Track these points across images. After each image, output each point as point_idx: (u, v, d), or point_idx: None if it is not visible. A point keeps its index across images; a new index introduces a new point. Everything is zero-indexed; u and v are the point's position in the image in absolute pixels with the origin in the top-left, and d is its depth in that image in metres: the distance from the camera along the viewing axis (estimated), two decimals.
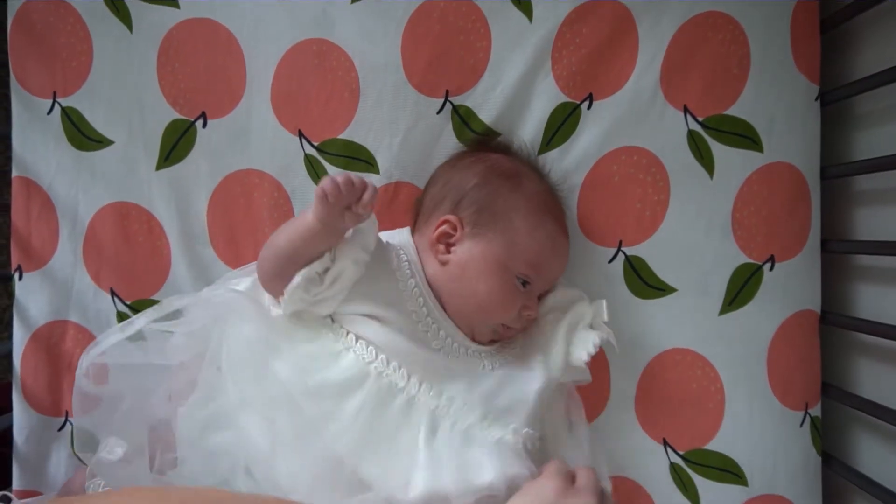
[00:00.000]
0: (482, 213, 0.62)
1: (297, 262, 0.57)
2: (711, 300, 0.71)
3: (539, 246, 0.62)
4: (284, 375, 0.56)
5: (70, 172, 0.71)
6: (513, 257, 0.61)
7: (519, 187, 0.63)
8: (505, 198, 0.62)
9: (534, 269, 0.62)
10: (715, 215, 0.71)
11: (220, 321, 0.59)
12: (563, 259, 0.67)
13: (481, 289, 0.61)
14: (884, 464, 0.68)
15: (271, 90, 0.71)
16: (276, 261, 0.58)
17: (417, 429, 0.56)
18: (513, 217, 0.62)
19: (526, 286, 0.62)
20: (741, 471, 0.71)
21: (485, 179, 0.63)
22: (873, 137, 0.69)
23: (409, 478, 0.54)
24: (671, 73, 0.70)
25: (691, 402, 0.72)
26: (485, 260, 0.61)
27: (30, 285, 0.71)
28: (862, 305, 0.71)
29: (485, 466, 0.55)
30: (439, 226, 0.62)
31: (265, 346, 0.58)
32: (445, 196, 0.64)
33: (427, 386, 0.58)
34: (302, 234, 0.56)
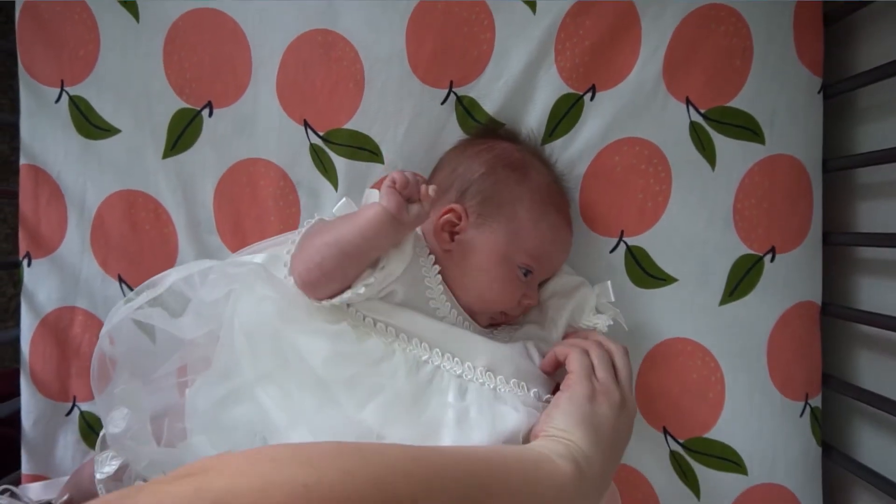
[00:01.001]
0: (487, 203, 0.62)
1: (361, 262, 0.57)
2: (712, 291, 0.72)
3: (542, 237, 0.63)
4: (304, 347, 0.56)
5: (78, 160, 0.72)
6: (515, 248, 0.62)
7: (525, 178, 0.64)
8: (510, 189, 0.63)
9: (535, 260, 0.63)
10: (716, 206, 0.71)
11: (234, 295, 0.59)
12: (565, 250, 0.68)
13: (483, 278, 0.62)
14: (883, 454, 0.68)
15: (277, 80, 0.71)
16: (343, 258, 0.56)
17: (446, 393, 0.58)
18: (517, 208, 0.62)
19: (527, 276, 0.63)
20: (741, 459, 0.72)
21: (491, 169, 0.64)
22: (875, 131, 0.70)
23: (437, 435, 0.55)
24: (674, 65, 0.70)
25: (691, 391, 0.72)
26: (488, 250, 0.62)
27: (38, 272, 0.72)
28: (863, 297, 0.72)
29: (510, 415, 0.57)
30: (444, 214, 0.63)
31: (283, 318, 0.58)
32: (452, 184, 0.65)
33: (450, 356, 0.60)
34: (373, 226, 0.56)
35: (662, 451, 0.73)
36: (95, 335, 0.72)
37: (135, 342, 0.60)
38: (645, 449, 0.73)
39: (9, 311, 1.37)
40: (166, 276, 0.60)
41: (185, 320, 0.60)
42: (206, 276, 0.61)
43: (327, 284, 0.58)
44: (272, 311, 0.57)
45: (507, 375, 0.60)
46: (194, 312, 0.60)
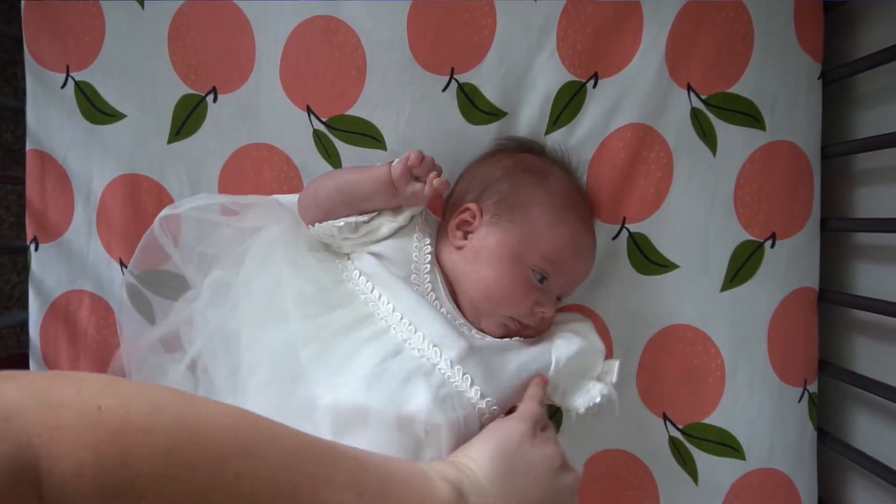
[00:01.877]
0: (503, 203, 0.63)
1: (351, 205, 0.64)
2: (713, 277, 0.72)
3: (559, 241, 0.62)
4: (288, 280, 0.61)
5: (83, 146, 0.73)
6: (528, 249, 0.62)
7: (544, 182, 0.64)
8: (528, 191, 0.63)
9: (551, 265, 0.62)
10: (717, 193, 0.72)
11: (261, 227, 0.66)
12: (585, 259, 0.67)
13: (490, 275, 0.61)
14: (878, 439, 0.69)
15: (280, 66, 0.72)
16: (335, 194, 0.64)
17: (380, 351, 0.58)
18: (533, 210, 0.63)
19: (543, 282, 0.62)
20: (739, 445, 0.72)
21: (510, 172, 0.65)
22: (873, 117, 0.70)
23: (341, 383, 0.55)
24: (675, 52, 0.71)
25: (692, 377, 0.73)
26: (498, 247, 0.62)
27: (46, 256, 0.73)
28: (860, 283, 0.72)
29: (420, 397, 0.55)
30: (460, 213, 0.64)
31: (287, 243, 0.65)
32: (470, 187, 0.66)
33: (407, 321, 0.60)
34: (372, 181, 0.63)
35: (661, 437, 0.74)
36: (103, 319, 0.74)
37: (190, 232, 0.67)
38: (644, 435, 0.74)
39: (12, 298, 1.38)
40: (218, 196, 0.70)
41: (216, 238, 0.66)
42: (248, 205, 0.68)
43: (315, 210, 0.65)
44: (284, 239, 0.65)
45: (458, 363, 0.58)
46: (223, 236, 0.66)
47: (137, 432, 0.32)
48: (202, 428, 0.34)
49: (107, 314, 0.73)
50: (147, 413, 0.33)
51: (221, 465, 0.33)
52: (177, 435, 0.33)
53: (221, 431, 0.35)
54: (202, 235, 0.66)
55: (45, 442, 0.30)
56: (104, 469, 0.30)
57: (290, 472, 0.36)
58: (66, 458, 0.30)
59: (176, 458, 0.32)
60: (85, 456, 0.30)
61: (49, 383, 0.32)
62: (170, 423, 0.33)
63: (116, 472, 0.31)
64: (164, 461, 0.32)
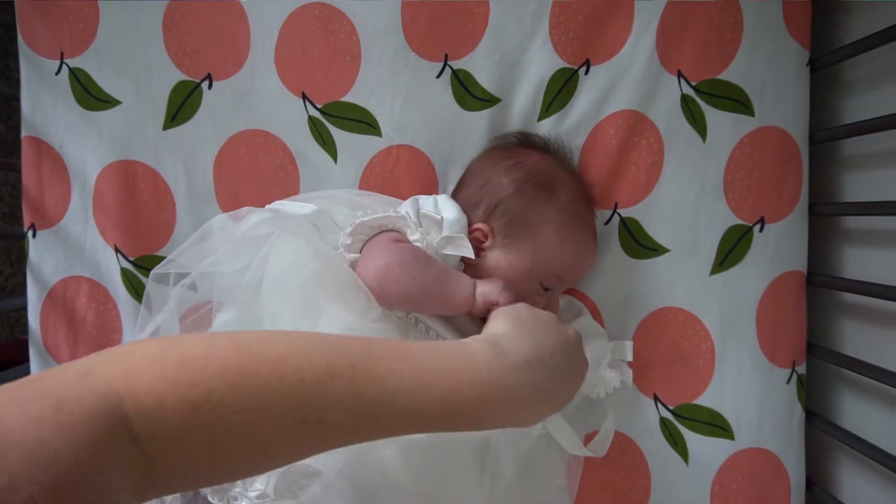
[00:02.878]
0: (514, 224, 0.64)
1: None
2: (703, 260, 0.73)
3: (567, 258, 0.65)
4: (327, 313, 0.57)
5: (78, 132, 0.73)
6: (539, 268, 0.64)
7: (553, 198, 0.65)
8: (538, 209, 0.64)
9: (558, 278, 0.65)
10: (707, 178, 0.73)
11: (274, 237, 0.61)
12: (588, 264, 0.70)
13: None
14: (864, 419, 0.70)
15: (275, 53, 0.72)
16: (417, 306, 0.60)
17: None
18: (544, 230, 0.64)
19: (547, 291, 0.65)
20: (728, 425, 0.74)
21: (520, 189, 0.65)
22: (860, 102, 0.71)
23: None
24: (666, 39, 0.71)
25: (682, 359, 0.74)
26: (511, 269, 0.63)
27: (43, 243, 0.74)
28: (847, 267, 0.73)
29: None
30: (472, 232, 0.65)
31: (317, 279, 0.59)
32: (481, 200, 0.66)
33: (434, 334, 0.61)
34: (452, 308, 0.60)
35: (652, 418, 0.75)
36: (102, 305, 0.74)
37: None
38: (635, 416, 0.75)
39: (6, 289, 1.38)
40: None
41: (222, 253, 0.62)
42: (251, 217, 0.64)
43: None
44: (309, 266, 0.59)
45: None
46: (232, 247, 0.62)
47: (199, 358, 0.36)
48: (255, 342, 0.38)
49: (105, 300, 0.74)
50: (203, 343, 0.37)
51: (280, 366, 0.37)
52: (234, 352, 0.37)
53: (273, 342, 0.39)
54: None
55: (124, 385, 0.33)
56: (179, 393, 0.34)
57: (344, 356, 0.40)
58: (145, 393, 0.33)
59: (238, 368, 0.36)
60: (161, 387, 0.34)
61: (110, 349, 0.37)
62: (226, 344, 0.37)
63: (190, 391, 0.34)
64: (229, 374, 0.36)
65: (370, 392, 0.39)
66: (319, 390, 0.38)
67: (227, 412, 0.35)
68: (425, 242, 0.60)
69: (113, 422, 0.32)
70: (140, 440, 0.33)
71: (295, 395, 0.37)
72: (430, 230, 0.62)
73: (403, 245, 0.60)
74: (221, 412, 0.35)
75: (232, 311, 0.61)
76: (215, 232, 0.63)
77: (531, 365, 0.47)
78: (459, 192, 0.70)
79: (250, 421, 0.36)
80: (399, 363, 0.41)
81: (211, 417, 0.35)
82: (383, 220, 0.61)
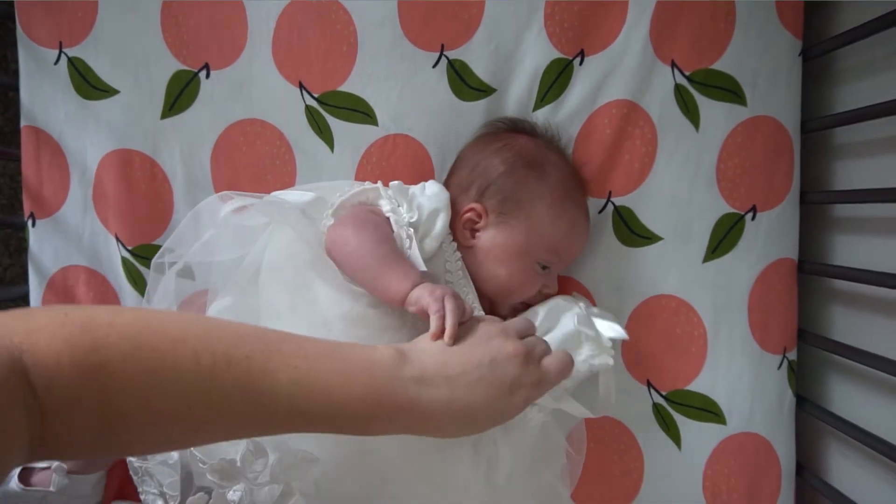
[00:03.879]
0: (507, 202, 0.65)
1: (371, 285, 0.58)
2: (695, 248, 0.74)
3: (561, 234, 0.65)
4: (325, 299, 0.58)
5: (77, 121, 0.73)
6: (534, 244, 0.64)
7: (543, 175, 0.66)
8: (530, 187, 0.65)
9: (555, 255, 0.66)
10: (700, 167, 0.74)
11: (271, 227, 0.62)
12: (583, 240, 0.71)
13: (503, 273, 0.64)
14: (853, 404, 0.71)
15: (272, 42, 0.73)
16: (359, 274, 0.57)
17: None
18: (537, 206, 0.65)
19: (545, 269, 0.66)
20: (720, 410, 0.75)
21: (511, 168, 0.66)
22: (852, 91, 0.72)
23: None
24: (659, 30, 0.72)
25: (675, 345, 0.75)
26: (507, 247, 0.64)
27: (43, 232, 0.74)
28: (838, 254, 0.74)
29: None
30: (465, 213, 0.65)
31: (313, 265, 0.59)
32: (473, 182, 0.67)
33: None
34: (390, 293, 0.55)
35: (646, 404, 0.76)
36: (100, 293, 0.75)
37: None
38: (629, 401, 0.76)
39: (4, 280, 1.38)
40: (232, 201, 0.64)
41: (221, 242, 0.63)
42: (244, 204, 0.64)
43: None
44: (304, 254, 0.59)
45: None
46: (229, 235, 0.63)
47: (102, 325, 0.37)
48: (160, 319, 0.40)
49: (104, 289, 0.75)
50: (108, 312, 0.39)
51: (180, 345, 0.39)
52: (137, 325, 0.39)
53: (177, 322, 0.41)
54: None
55: (25, 339, 0.35)
56: (78, 356, 0.36)
57: (243, 347, 0.41)
58: (45, 350, 0.35)
59: (139, 342, 0.38)
60: (60, 346, 0.35)
61: (16, 310, 0.38)
62: (130, 318, 0.39)
63: (89, 356, 0.36)
64: (129, 344, 0.37)
65: (263, 385, 0.40)
66: (213, 375, 0.39)
67: (120, 380, 0.37)
68: (396, 212, 0.61)
69: (12, 369, 0.34)
70: (37, 392, 0.35)
71: (189, 376, 0.39)
72: (401, 201, 0.62)
73: (372, 217, 0.59)
74: (116, 381, 0.37)
75: (228, 298, 0.61)
76: (205, 214, 0.64)
77: (434, 380, 0.46)
78: (451, 177, 0.70)
79: (142, 393, 0.37)
80: (297, 361, 0.42)
81: (105, 383, 0.36)
82: (360, 194, 0.62)
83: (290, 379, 0.41)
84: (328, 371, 0.43)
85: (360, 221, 0.58)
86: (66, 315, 0.37)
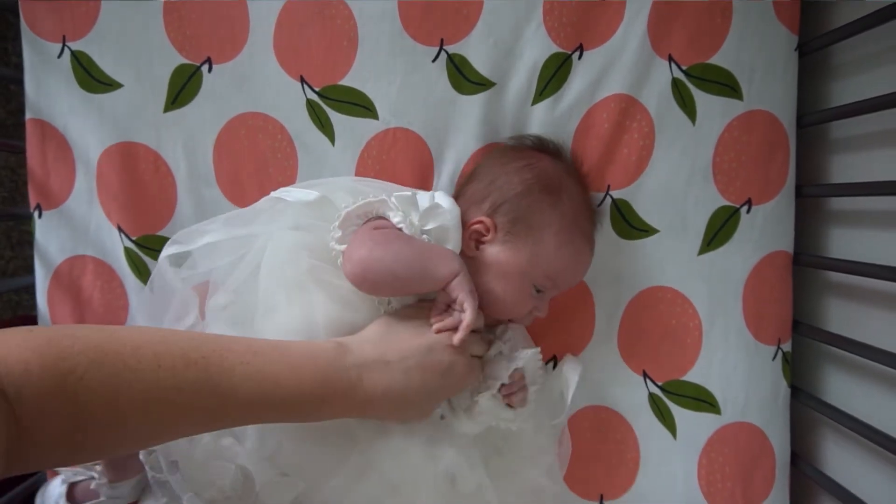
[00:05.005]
0: (518, 223, 0.64)
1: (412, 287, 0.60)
2: (691, 241, 0.75)
3: (563, 263, 0.65)
4: (318, 305, 0.59)
5: (81, 114, 0.74)
6: (535, 269, 0.64)
7: (558, 203, 0.65)
8: (542, 212, 0.65)
9: (552, 281, 0.65)
10: (696, 160, 0.74)
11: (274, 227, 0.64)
12: (582, 271, 0.70)
13: (497, 289, 0.64)
14: (847, 394, 0.73)
15: (273, 37, 0.73)
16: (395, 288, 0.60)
17: None
18: (545, 233, 0.64)
19: (539, 293, 0.66)
20: (715, 400, 0.76)
21: (528, 190, 0.65)
22: (847, 86, 0.73)
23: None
24: (657, 24, 0.73)
25: (671, 336, 0.76)
26: (507, 266, 0.64)
27: (49, 223, 0.75)
28: (833, 246, 0.75)
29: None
30: (474, 223, 0.65)
31: (311, 271, 0.60)
32: (488, 196, 0.66)
33: None
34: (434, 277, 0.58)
35: (641, 394, 0.77)
36: (107, 284, 0.76)
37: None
38: (625, 392, 0.77)
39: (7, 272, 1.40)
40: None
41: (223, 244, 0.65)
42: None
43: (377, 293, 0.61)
44: (303, 259, 0.60)
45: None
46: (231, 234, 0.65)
47: (66, 337, 0.41)
48: (119, 330, 0.45)
49: (111, 278, 0.75)
50: (70, 328, 0.45)
51: (140, 351, 0.43)
52: (99, 336, 0.42)
53: (135, 332, 0.45)
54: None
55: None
56: (47, 363, 0.39)
57: (199, 349, 0.46)
58: (13, 359, 0.38)
59: (102, 350, 0.41)
60: (28, 356, 0.39)
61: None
62: (91, 331, 0.43)
63: (57, 364, 0.39)
64: (94, 352, 0.41)
65: (220, 381, 0.45)
66: (174, 375, 0.44)
67: (89, 385, 0.40)
68: (407, 222, 0.61)
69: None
70: (10, 398, 0.37)
71: (152, 377, 0.42)
72: (410, 211, 0.62)
73: (385, 230, 0.60)
74: (84, 385, 0.39)
75: (225, 294, 0.62)
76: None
77: (373, 365, 0.53)
78: (467, 186, 0.70)
79: (110, 396, 0.41)
80: (249, 357, 0.47)
81: (75, 388, 0.39)
82: (366, 206, 0.62)
83: (244, 374, 0.46)
84: (277, 364, 0.49)
85: (379, 237, 0.59)
86: (30, 331, 0.40)
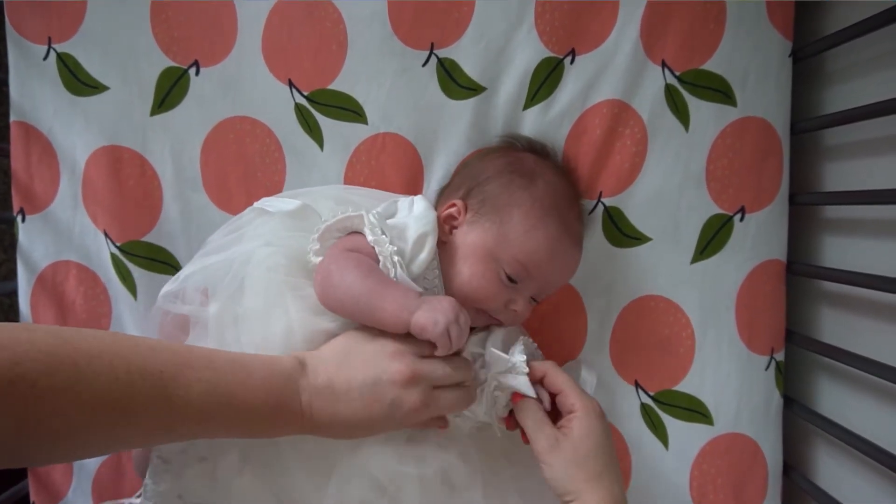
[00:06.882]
0: (486, 203, 0.64)
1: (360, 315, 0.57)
2: (684, 249, 0.75)
3: (533, 246, 0.61)
4: (294, 314, 0.58)
5: (67, 117, 0.73)
6: (502, 251, 0.61)
7: (531, 186, 0.64)
8: (513, 193, 0.63)
9: (523, 268, 0.61)
10: (689, 167, 0.74)
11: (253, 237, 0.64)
12: (563, 265, 0.66)
13: (465, 272, 0.62)
14: (840, 405, 0.72)
15: (262, 40, 0.72)
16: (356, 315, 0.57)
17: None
18: (513, 212, 0.62)
19: (513, 283, 0.62)
20: (707, 411, 0.75)
21: (499, 172, 0.65)
22: (841, 93, 0.72)
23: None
24: (650, 30, 0.72)
25: (663, 346, 0.75)
26: (474, 246, 0.62)
27: (33, 228, 0.74)
28: (827, 255, 0.74)
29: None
30: (447, 208, 0.65)
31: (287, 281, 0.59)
32: (463, 183, 0.67)
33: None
34: (390, 322, 0.55)
35: (633, 404, 0.76)
36: (90, 290, 0.75)
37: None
38: (617, 401, 0.76)
39: None
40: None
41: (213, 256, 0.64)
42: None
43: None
44: (281, 269, 0.60)
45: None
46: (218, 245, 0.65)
47: (22, 342, 0.40)
48: (77, 336, 0.43)
49: (94, 284, 0.75)
50: (27, 330, 0.41)
51: (96, 360, 0.42)
52: (54, 341, 0.41)
53: (93, 338, 0.44)
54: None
55: None
56: (1, 369, 0.38)
57: (156, 361, 0.45)
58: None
59: (59, 357, 0.40)
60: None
61: None
62: (47, 336, 0.41)
63: (12, 369, 0.38)
64: (48, 359, 0.40)
65: (176, 394, 0.45)
66: (130, 386, 0.43)
67: (40, 392, 0.39)
68: (380, 241, 0.59)
69: None
70: None
71: (106, 388, 0.42)
72: (395, 239, 0.60)
73: (353, 254, 0.58)
74: (35, 392, 0.39)
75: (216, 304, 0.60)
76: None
77: (322, 393, 0.52)
78: (450, 181, 0.70)
79: (61, 405, 0.40)
80: (207, 373, 0.47)
81: (25, 395, 0.38)
82: (345, 221, 0.61)
83: (200, 389, 0.46)
84: (233, 382, 0.48)
85: (342, 262, 0.57)
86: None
